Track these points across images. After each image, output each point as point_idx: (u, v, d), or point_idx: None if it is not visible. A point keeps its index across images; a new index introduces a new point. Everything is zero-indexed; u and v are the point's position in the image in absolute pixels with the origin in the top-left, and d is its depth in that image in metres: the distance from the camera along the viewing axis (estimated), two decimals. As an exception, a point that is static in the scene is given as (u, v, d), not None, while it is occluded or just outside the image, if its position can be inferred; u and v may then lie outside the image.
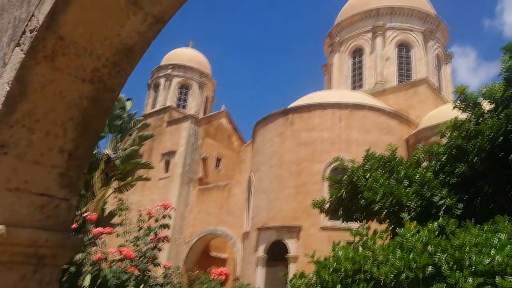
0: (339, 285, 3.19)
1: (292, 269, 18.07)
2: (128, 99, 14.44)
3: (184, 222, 26.32)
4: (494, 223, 3.50)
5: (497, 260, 2.83)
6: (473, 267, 2.90)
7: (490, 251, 2.94)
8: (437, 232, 3.50)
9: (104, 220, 12.42)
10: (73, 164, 3.28)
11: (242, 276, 20.53)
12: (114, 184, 14.09)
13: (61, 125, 3.23)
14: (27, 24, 3.02)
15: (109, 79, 3.33)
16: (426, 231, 3.40)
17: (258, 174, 22.41)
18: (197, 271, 12.05)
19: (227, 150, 30.79)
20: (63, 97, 3.20)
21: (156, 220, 5.91)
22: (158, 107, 32.76)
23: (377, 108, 21.70)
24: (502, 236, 3.17)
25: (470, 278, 2.83)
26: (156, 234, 5.83)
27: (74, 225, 5.92)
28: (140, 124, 14.91)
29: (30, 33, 2.93)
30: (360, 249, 3.45)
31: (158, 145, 29.18)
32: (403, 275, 3.03)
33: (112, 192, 13.80)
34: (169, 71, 34.51)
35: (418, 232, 3.49)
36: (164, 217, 5.91)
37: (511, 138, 6.99)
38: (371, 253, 3.33)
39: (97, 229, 5.96)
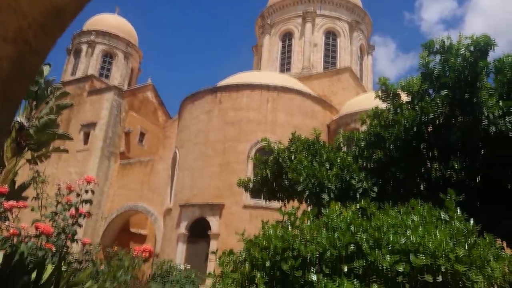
0: (268, 262, 3.31)
1: (214, 246, 18.32)
2: (46, 64, 13.32)
3: (103, 197, 25.31)
4: (409, 206, 3.85)
5: (412, 240, 3.12)
6: (390, 246, 3.18)
7: (406, 231, 3.23)
8: (359, 213, 3.77)
9: (15, 193, 11.53)
10: (-11, 132, 2.99)
11: (162, 253, 20.38)
12: (27, 155, 13.08)
13: (-23, 89, 2.92)
14: None
15: (35, 41, 3.06)
16: (350, 212, 3.64)
17: (183, 151, 22.15)
18: (116, 248, 11.71)
19: (152, 125, 29.91)
20: (-20, 57, 2.90)
21: (78, 195, 5.63)
22: (78, 75, 30.73)
23: (303, 93, 22.35)
24: (415, 218, 3.49)
25: (388, 256, 3.09)
26: (77, 209, 5.55)
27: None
28: (58, 92, 13.87)
29: None
30: (289, 228, 3.60)
31: (77, 115, 27.49)
32: (328, 253, 3.23)
33: (24, 163, 12.81)
34: (92, 37, 32.41)
35: (341, 213, 3.72)
36: (86, 192, 5.64)
37: (423, 129, 7.62)
38: (299, 232, 3.49)
39: (9, 202, 5.53)
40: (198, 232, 19.50)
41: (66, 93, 15.48)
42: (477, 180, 7.60)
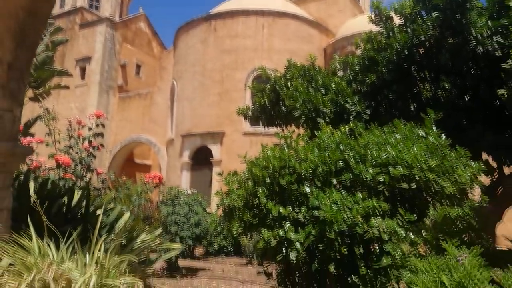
0: (268, 179, 3.81)
1: (216, 171, 19.17)
2: (36, -1, 13.03)
3: (106, 131, 25.81)
4: (393, 126, 4.26)
5: (392, 155, 3.57)
6: (374, 161, 3.64)
7: (387, 148, 3.67)
8: (348, 134, 4.20)
9: (22, 130, 11.95)
10: (13, 75, 3.33)
11: (167, 181, 21.33)
12: (28, 93, 13.33)
13: (-1, 37, 3.21)
14: None
15: (44, -12, 3.28)
16: (339, 133, 4.07)
17: (181, 82, 22.27)
18: (124, 178, 12.39)
19: (147, 57, 29.64)
20: (-2, 7, 3.15)
21: (90, 129, 6.04)
22: (67, 7, 29.82)
23: (299, 17, 21.94)
24: (398, 136, 3.92)
25: (371, 169, 3.57)
26: (90, 142, 6.00)
27: None
28: (52, 28, 13.76)
29: None
30: (286, 149, 4.06)
31: (71, 50, 27.17)
32: (320, 169, 3.70)
33: (27, 101, 13.09)
34: (76, -35, 30.93)
35: (332, 134, 4.15)
36: (97, 126, 6.04)
37: (415, 51, 7.82)
38: (294, 152, 3.95)
39: (27, 138, 5.95)
40: (201, 160, 20.31)
41: (60, 28, 15.30)
42: (466, 99, 7.95)
